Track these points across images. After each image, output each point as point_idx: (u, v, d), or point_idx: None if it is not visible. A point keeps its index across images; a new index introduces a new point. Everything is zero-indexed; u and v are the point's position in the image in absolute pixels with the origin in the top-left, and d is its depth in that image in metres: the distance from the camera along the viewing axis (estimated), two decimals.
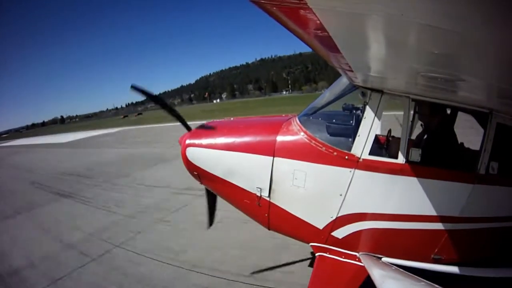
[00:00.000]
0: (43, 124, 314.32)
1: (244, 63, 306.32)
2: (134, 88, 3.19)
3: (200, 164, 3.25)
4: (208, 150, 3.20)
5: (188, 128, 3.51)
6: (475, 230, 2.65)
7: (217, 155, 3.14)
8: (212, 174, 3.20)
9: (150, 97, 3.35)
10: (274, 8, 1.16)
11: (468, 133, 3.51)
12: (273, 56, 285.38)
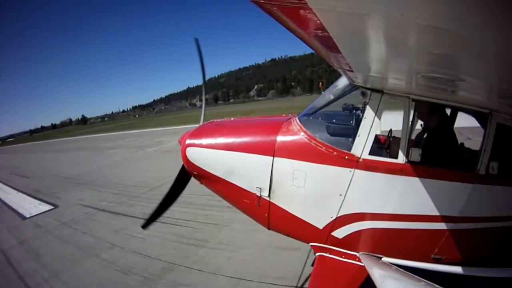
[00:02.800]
0: (54, 126, 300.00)
1: (254, 64, 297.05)
2: (197, 42, 3.89)
3: (200, 164, 3.25)
4: (208, 150, 3.20)
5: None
6: (475, 230, 2.65)
7: (217, 155, 3.14)
8: (212, 174, 3.20)
9: (201, 60, 3.96)
10: (274, 8, 1.16)
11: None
12: (283, 57, 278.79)
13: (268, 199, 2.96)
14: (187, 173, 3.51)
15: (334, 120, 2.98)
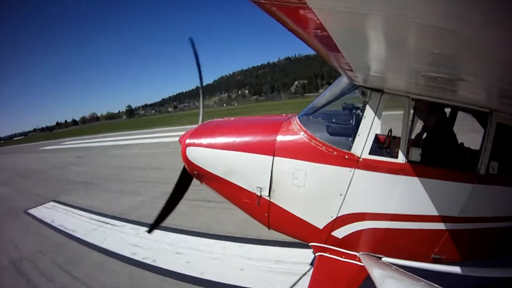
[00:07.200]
0: (75, 123, 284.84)
1: (267, 63, 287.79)
2: (192, 42, 3.92)
3: (200, 164, 3.25)
4: (208, 149, 3.20)
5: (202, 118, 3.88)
6: (475, 230, 2.64)
7: (217, 155, 3.14)
8: (212, 174, 3.20)
9: (196, 60, 3.97)
10: (274, 7, 1.16)
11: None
12: (299, 55, 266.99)
13: (268, 198, 2.95)
14: (189, 174, 3.51)
15: (334, 120, 2.97)
